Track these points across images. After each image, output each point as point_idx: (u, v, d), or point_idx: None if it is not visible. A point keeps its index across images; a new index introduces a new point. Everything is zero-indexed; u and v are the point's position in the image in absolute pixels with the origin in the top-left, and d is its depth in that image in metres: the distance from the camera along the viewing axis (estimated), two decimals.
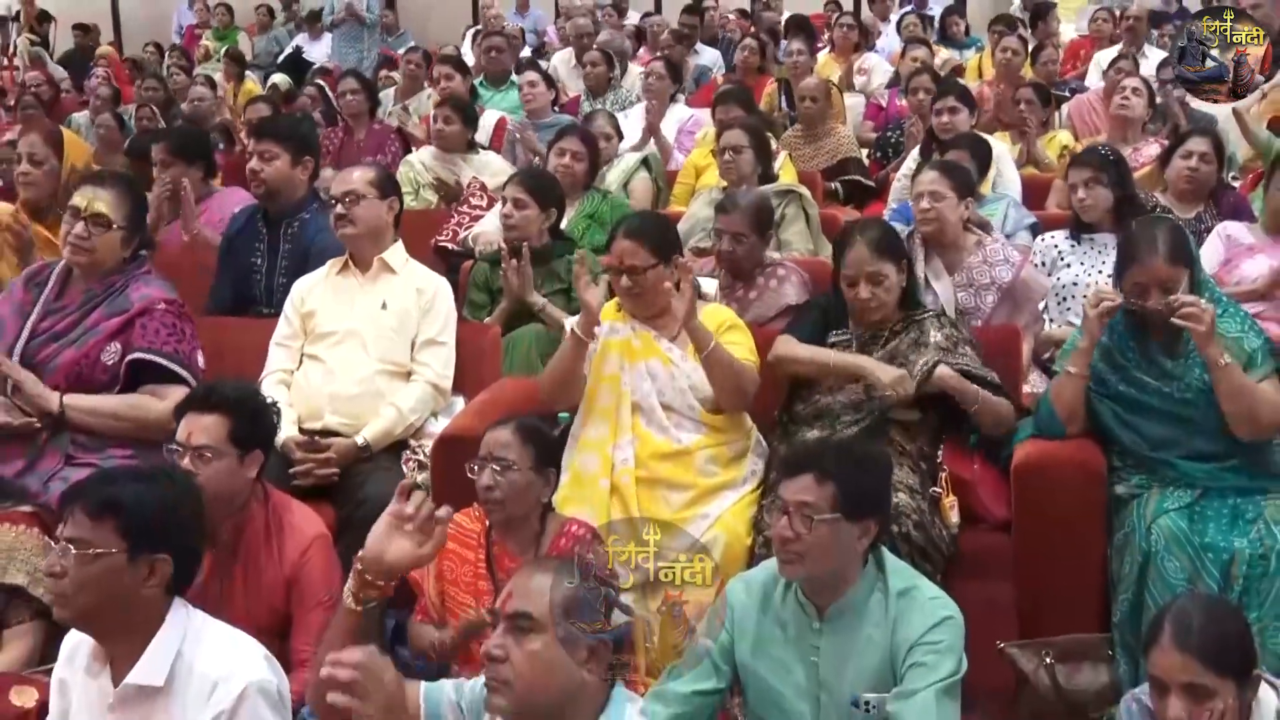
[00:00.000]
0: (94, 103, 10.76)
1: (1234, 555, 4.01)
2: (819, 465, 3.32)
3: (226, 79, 11.92)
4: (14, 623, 3.83)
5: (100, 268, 4.49)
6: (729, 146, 6.41)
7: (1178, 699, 2.92)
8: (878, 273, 4.46)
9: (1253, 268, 5.34)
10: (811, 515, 3.25)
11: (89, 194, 4.46)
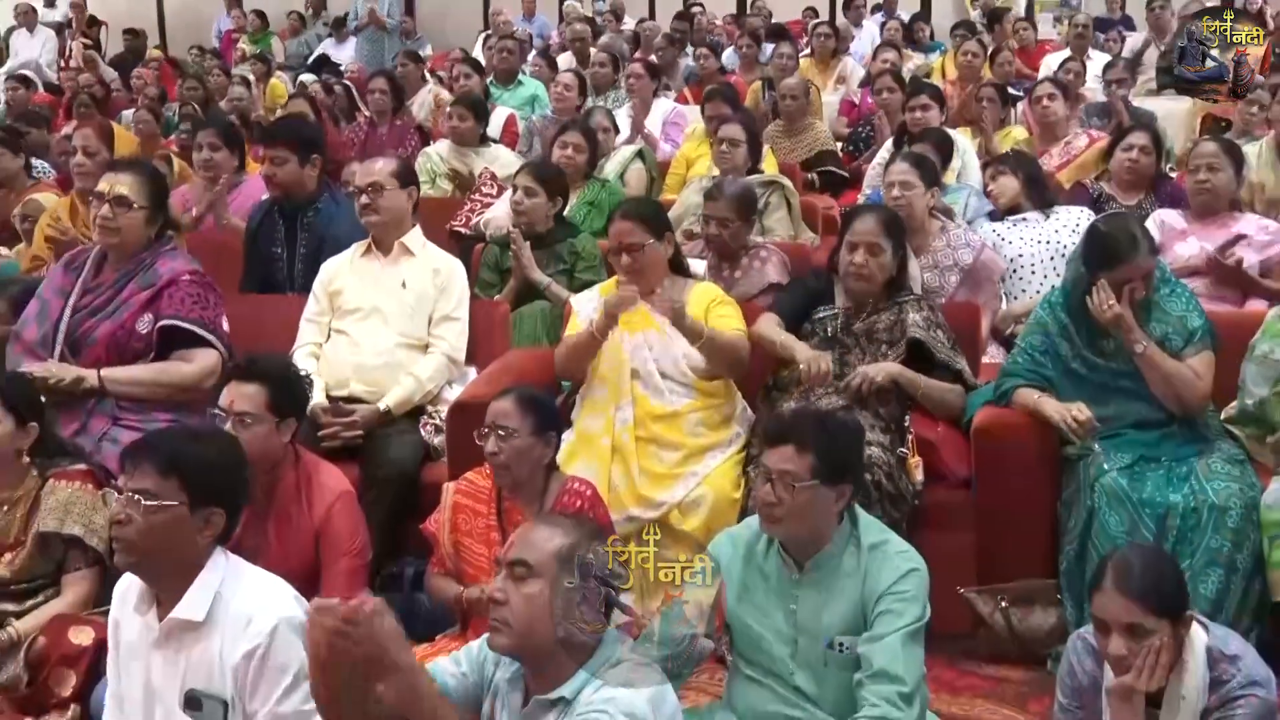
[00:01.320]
0: (142, 100, 10.73)
1: (1168, 509, 4.03)
2: (799, 436, 3.31)
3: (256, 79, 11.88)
4: (71, 570, 3.83)
5: (129, 246, 4.49)
6: (727, 139, 6.46)
7: (1120, 637, 2.94)
8: (877, 244, 4.52)
9: (1184, 249, 5.35)
10: (792, 482, 3.25)
11: (111, 179, 4.48)
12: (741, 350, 4.51)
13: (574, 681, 2.49)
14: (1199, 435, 4.25)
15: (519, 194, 5.62)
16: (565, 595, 2.50)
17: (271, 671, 2.67)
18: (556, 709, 2.50)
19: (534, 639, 2.50)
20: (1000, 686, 4.12)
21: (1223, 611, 3.88)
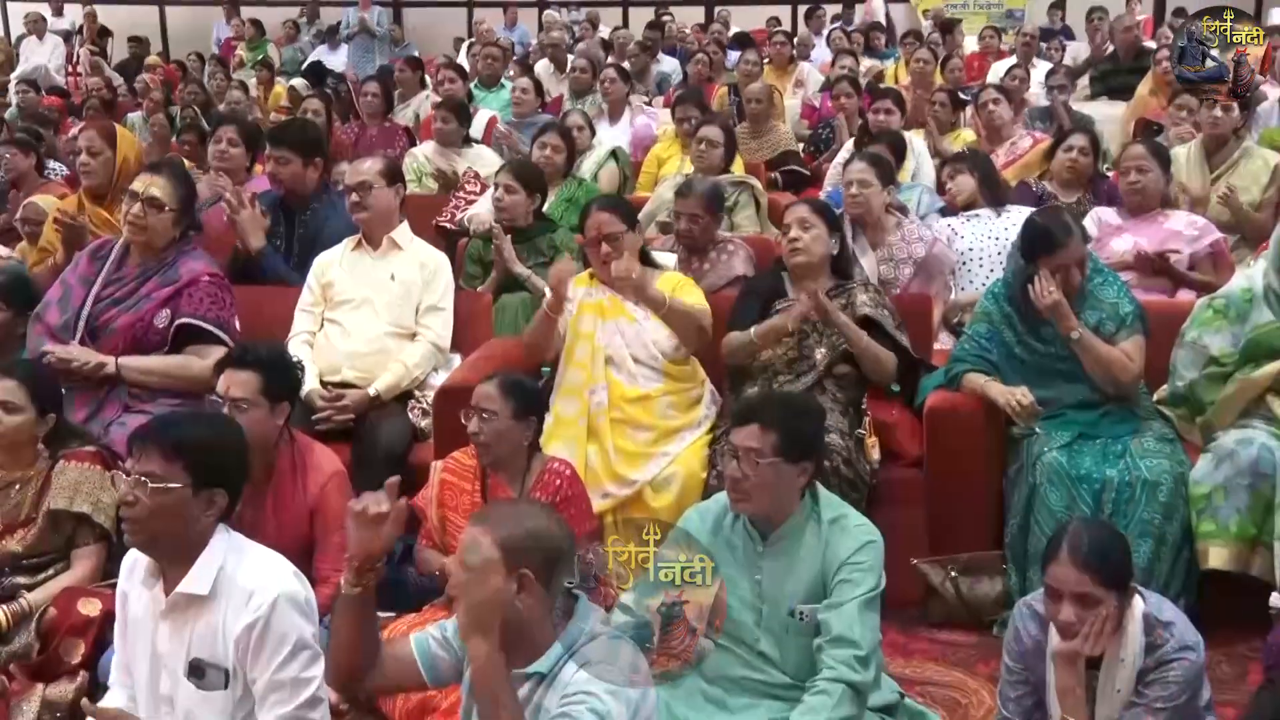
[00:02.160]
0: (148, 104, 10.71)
1: (1104, 485, 4.06)
2: (764, 416, 3.32)
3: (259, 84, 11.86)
4: (80, 545, 3.82)
5: (155, 244, 4.49)
6: (706, 139, 6.49)
7: (1070, 606, 2.95)
8: (806, 219, 4.55)
9: (1120, 244, 5.37)
10: (757, 459, 3.26)
11: (146, 180, 4.49)
12: (702, 318, 4.53)
13: (548, 657, 2.47)
14: (1133, 415, 4.28)
15: (500, 191, 5.61)
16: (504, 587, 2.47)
17: (271, 641, 2.65)
18: (532, 682, 2.49)
19: (483, 620, 2.48)
20: (950, 650, 4.13)
21: (1154, 579, 3.90)
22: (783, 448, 3.26)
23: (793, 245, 4.55)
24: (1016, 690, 3.15)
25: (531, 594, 2.46)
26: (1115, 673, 3.01)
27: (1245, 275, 4.41)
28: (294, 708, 2.64)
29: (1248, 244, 5.77)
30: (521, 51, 13.41)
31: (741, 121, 8.29)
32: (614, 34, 13.27)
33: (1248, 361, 4.14)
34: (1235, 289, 4.30)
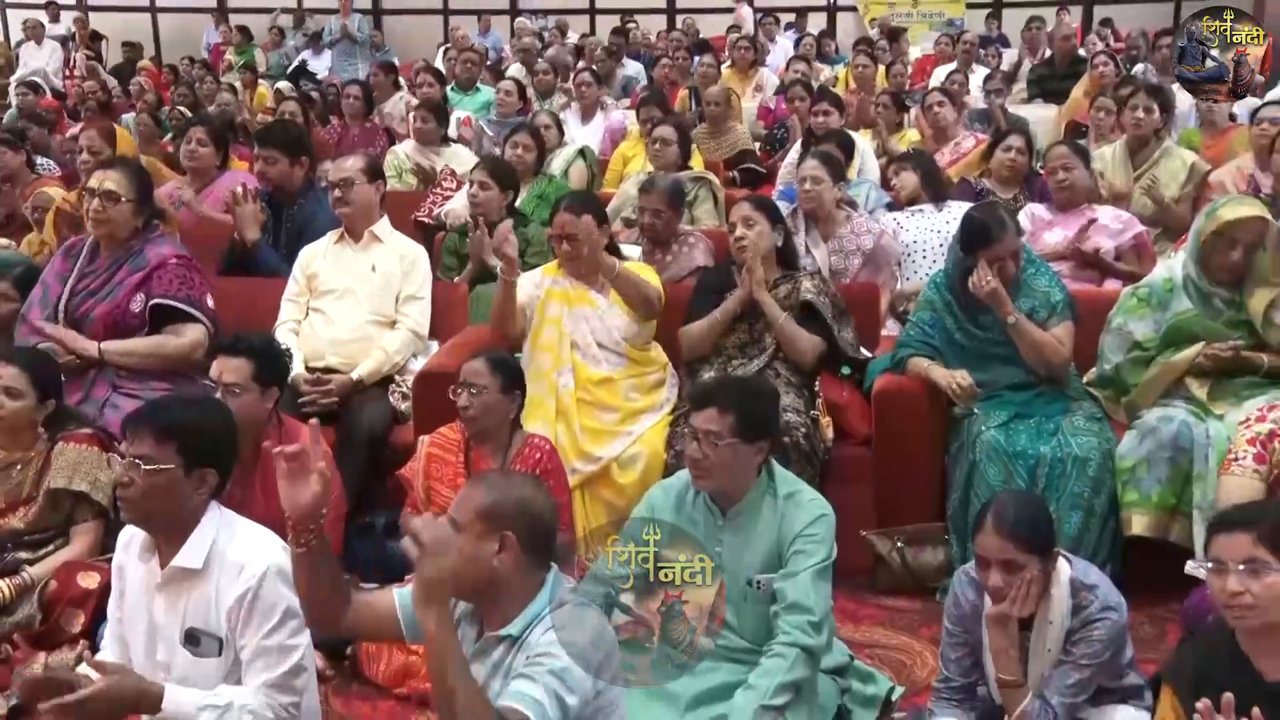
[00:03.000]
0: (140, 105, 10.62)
1: (1038, 460, 4.08)
2: (721, 400, 3.32)
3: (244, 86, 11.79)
4: (79, 521, 3.83)
5: (119, 235, 4.46)
6: (660, 138, 6.47)
7: (997, 572, 2.98)
8: (750, 218, 4.56)
9: (1051, 238, 5.39)
10: (716, 441, 3.26)
11: (100, 176, 4.47)
12: (648, 290, 4.53)
13: (520, 620, 2.47)
14: (1064, 396, 4.30)
15: (475, 188, 5.58)
16: (484, 545, 2.45)
17: (260, 610, 2.66)
18: (504, 645, 2.49)
19: (463, 584, 2.46)
20: (896, 615, 4.15)
21: (1082, 547, 3.93)
22: (740, 429, 3.27)
23: (739, 242, 4.56)
24: (957, 651, 3.18)
25: (510, 555, 2.45)
26: (1045, 633, 3.04)
27: (1166, 266, 4.43)
28: (279, 673, 2.65)
29: (1168, 237, 5.81)
30: (495, 57, 13.37)
31: (702, 122, 8.29)
32: (582, 40, 13.24)
33: (1168, 346, 4.17)
34: (1157, 279, 4.32)
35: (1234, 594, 2.52)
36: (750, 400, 3.38)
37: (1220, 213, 4.11)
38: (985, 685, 3.14)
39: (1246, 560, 2.52)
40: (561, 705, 2.36)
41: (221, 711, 2.59)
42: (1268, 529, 2.54)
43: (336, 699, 3.59)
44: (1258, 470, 3.15)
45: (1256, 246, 4.07)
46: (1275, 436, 3.18)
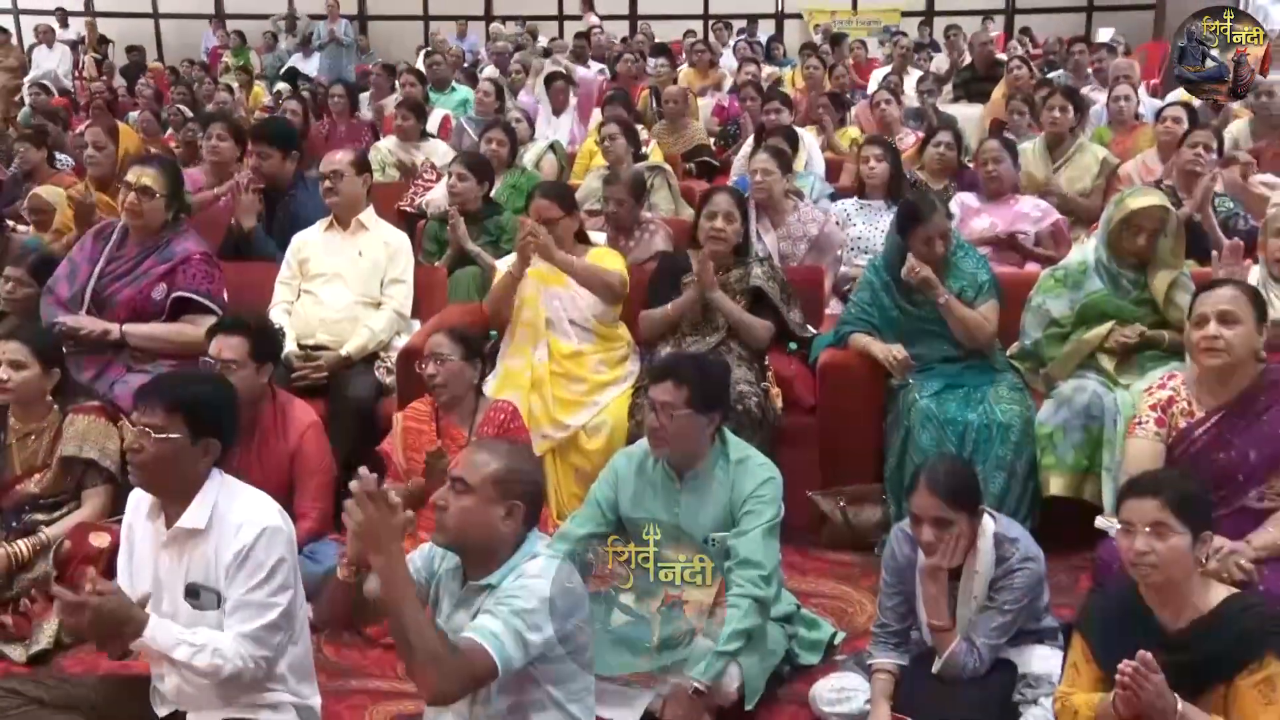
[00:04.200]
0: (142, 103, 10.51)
1: (966, 427, 4.09)
2: (678, 373, 3.33)
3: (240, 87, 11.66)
4: (89, 487, 3.83)
5: (150, 227, 4.44)
6: (608, 135, 6.48)
7: (929, 528, 3.00)
8: (732, 213, 4.55)
9: (979, 224, 5.42)
10: (672, 411, 3.27)
11: (138, 171, 4.44)
12: (607, 277, 4.50)
13: (500, 571, 2.48)
14: (990, 368, 4.32)
15: (453, 179, 5.55)
16: (493, 509, 2.47)
17: (250, 566, 2.63)
18: (484, 594, 2.49)
19: (465, 539, 2.48)
20: (838, 568, 4.16)
21: (1005, 505, 3.96)
22: (693, 401, 3.27)
23: (718, 234, 4.54)
24: (893, 600, 3.19)
25: (514, 522, 2.49)
26: (972, 582, 3.07)
27: (1080, 250, 4.45)
28: (255, 626, 2.62)
29: (1082, 224, 5.85)
30: (471, 59, 13.27)
31: (661, 119, 8.27)
32: (550, 43, 13.17)
33: (1082, 323, 4.18)
34: (1072, 262, 4.34)
35: (1141, 553, 2.54)
36: (704, 375, 3.38)
37: (1127, 202, 4.13)
38: (918, 629, 3.16)
39: (1153, 523, 2.54)
40: (522, 642, 2.37)
41: (195, 650, 2.58)
42: (1173, 496, 2.56)
43: (329, 648, 3.57)
44: (1158, 432, 3.18)
45: (1159, 233, 4.09)
46: (1174, 402, 3.21)
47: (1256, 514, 3.04)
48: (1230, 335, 3.07)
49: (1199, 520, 2.57)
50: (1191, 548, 2.55)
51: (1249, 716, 2.43)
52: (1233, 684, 2.47)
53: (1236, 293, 3.14)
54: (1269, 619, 2.51)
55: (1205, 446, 3.10)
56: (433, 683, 2.34)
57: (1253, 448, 3.06)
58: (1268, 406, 3.09)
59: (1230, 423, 3.10)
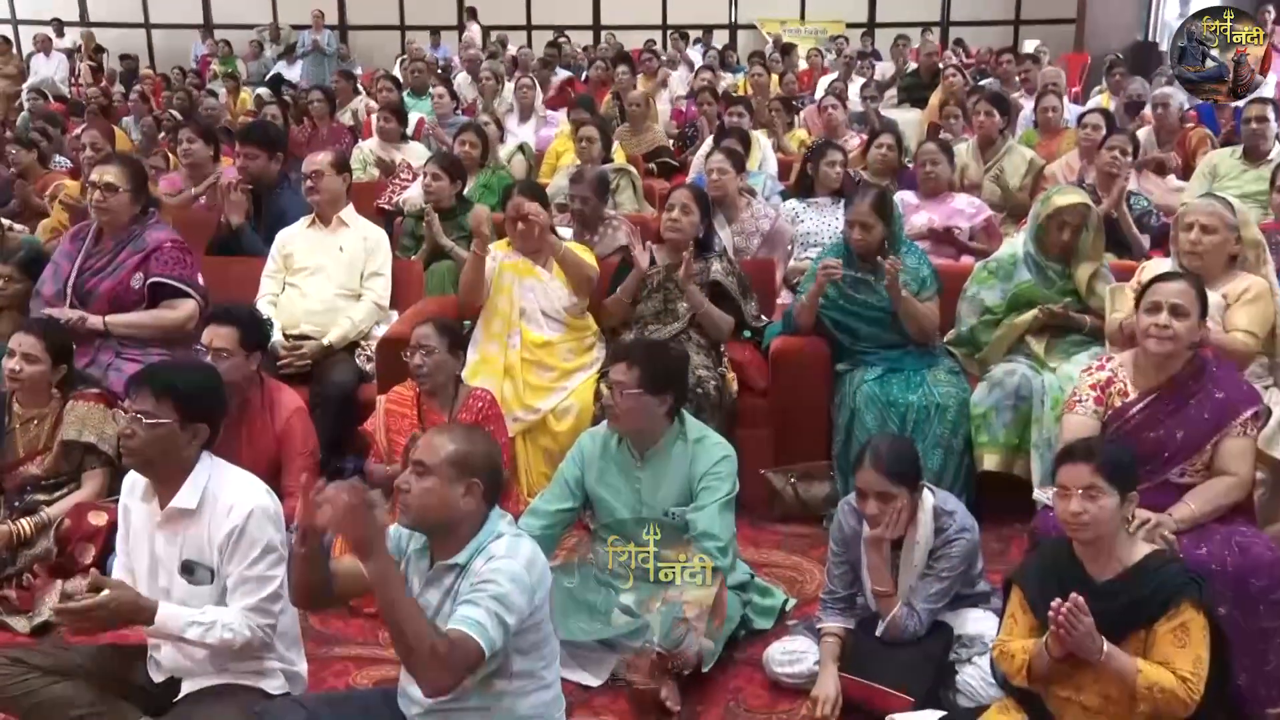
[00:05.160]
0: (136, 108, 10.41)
1: (908, 407, 4.10)
2: (630, 356, 3.34)
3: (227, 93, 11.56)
4: (88, 469, 3.80)
5: (119, 221, 4.37)
6: (586, 137, 6.42)
7: (873, 501, 3.01)
8: (689, 205, 4.52)
9: (918, 220, 5.42)
10: (624, 390, 3.27)
11: (100, 170, 4.39)
12: (588, 270, 4.52)
13: (466, 550, 2.45)
14: (929, 353, 4.32)
15: (429, 179, 5.50)
16: (452, 488, 2.43)
17: (245, 545, 2.62)
18: (453, 572, 2.47)
19: (427, 518, 2.45)
20: (790, 540, 4.17)
21: (943, 480, 3.98)
22: (644, 381, 3.27)
23: (674, 224, 4.52)
24: (840, 568, 3.20)
25: (473, 500, 2.44)
26: (912, 551, 3.08)
27: (1010, 244, 4.48)
28: (258, 599, 2.61)
29: (1011, 220, 5.89)
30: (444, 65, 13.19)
31: (623, 122, 8.25)
32: (520, 52, 13.11)
33: (1012, 310, 4.20)
34: (1003, 254, 4.36)
35: (1075, 514, 2.58)
36: (656, 359, 3.38)
37: (1053, 200, 4.15)
38: (863, 596, 3.16)
39: (1086, 487, 2.58)
40: (502, 624, 2.35)
41: (206, 628, 2.57)
42: (1103, 462, 2.61)
43: (314, 618, 3.54)
44: (1096, 410, 3.20)
45: (1081, 228, 4.12)
46: (1112, 383, 3.23)
47: (1178, 488, 3.07)
48: (1179, 325, 3.09)
49: (1126, 483, 2.62)
50: (1119, 508, 2.60)
51: (1165, 657, 2.50)
52: (1152, 629, 2.53)
53: (1187, 286, 3.15)
54: (1184, 572, 2.59)
55: (1137, 425, 3.12)
56: (432, 677, 2.31)
57: (1180, 428, 3.09)
58: (1195, 392, 3.11)
59: (1162, 405, 3.13)
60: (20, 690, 2.69)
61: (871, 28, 16.34)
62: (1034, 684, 2.64)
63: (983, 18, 16.45)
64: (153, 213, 4.51)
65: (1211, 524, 3.01)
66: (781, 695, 3.17)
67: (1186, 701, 2.46)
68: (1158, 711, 2.49)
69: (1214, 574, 2.77)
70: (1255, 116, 5.74)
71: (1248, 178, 5.63)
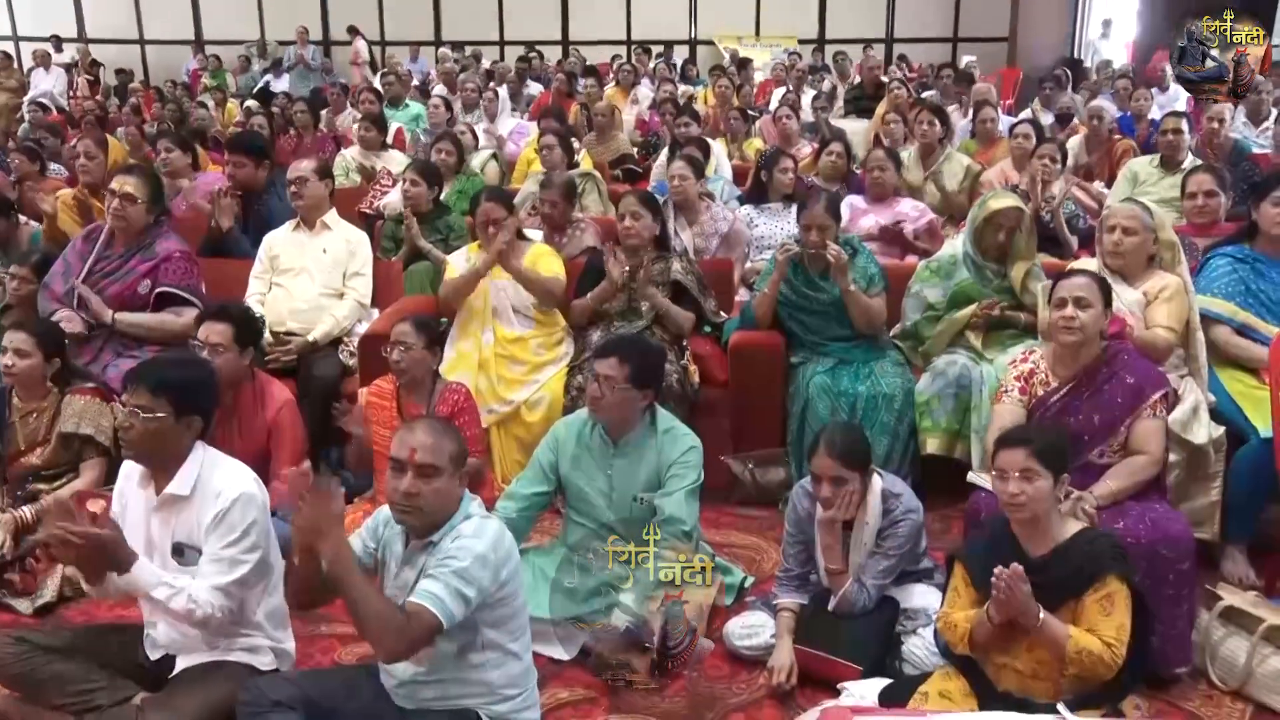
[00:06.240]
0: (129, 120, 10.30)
1: (857, 397, 4.11)
2: (621, 352, 3.32)
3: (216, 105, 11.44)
4: (86, 459, 3.77)
5: (133, 230, 4.33)
6: (545, 145, 6.39)
7: (827, 485, 3.02)
8: (637, 212, 4.51)
9: (866, 222, 5.44)
10: (614, 385, 3.26)
11: (121, 180, 4.34)
12: (550, 284, 4.47)
13: (441, 531, 2.45)
14: (877, 346, 4.33)
15: (407, 185, 5.46)
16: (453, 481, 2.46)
17: (225, 527, 2.60)
18: (426, 551, 2.46)
19: (436, 516, 2.45)
20: (748, 521, 4.17)
21: (890, 464, 4.00)
22: (632, 377, 3.26)
23: (629, 231, 4.50)
24: (795, 548, 3.21)
25: (462, 488, 2.48)
26: (862, 531, 3.09)
27: (951, 244, 4.50)
28: (225, 580, 2.59)
29: (952, 222, 5.92)
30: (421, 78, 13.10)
31: (590, 131, 8.22)
32: (493, 65, 13.05)
33: (952, 307, 4.22)
34: (944, 254, 4.38)
35: (1013, 495, 2.61)
36: (644, 356, 3.38)
37: (989, 204, 4.18)
38: (816, 573, 3.17)
39: (1022, 469, 2.61)
40: (462, 598, 2.35)
41: (174, 593, 2.56)
42: (1038, 446, 2.64)
43: None
44: (1021, 399, 3.23)
45: (1015, 230, 4.15)
46: (1034, 374, 3.25)
47: (1099, 468, 3.10)
48: (1084, 316, 3.13)
49: (1058, 465, 2.65)
50: (1053, 489, 2.63)
51: (1092, 625, 2.53)
52: (1081, 600, 2.56)
53: (1089, 280, 3.19)
54: (1110, 547, 2.61)
55: (1058, 412, 3.15)
56: (386, 644, 2.33)
57: (1096, 413, 3.12)
58: (1108, 379, 3.15)
59: (1078, 392, 3.16)
60: (24, 668, 2.68)
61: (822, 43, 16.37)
62: (975, 651, 2.66)
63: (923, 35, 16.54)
64: (164, 222, 4.46)
65: (1129, 500, 3.04)
66: (740, 667, 3.16)
67: (1111, 665, 2.50)
68: (1085, 673, 2.52)
69: (1129, 546, 2.81)
70: (1172, 129, 5.82)
71: (1164, 184, 5.69)
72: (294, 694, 2.46)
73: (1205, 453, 3.50)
